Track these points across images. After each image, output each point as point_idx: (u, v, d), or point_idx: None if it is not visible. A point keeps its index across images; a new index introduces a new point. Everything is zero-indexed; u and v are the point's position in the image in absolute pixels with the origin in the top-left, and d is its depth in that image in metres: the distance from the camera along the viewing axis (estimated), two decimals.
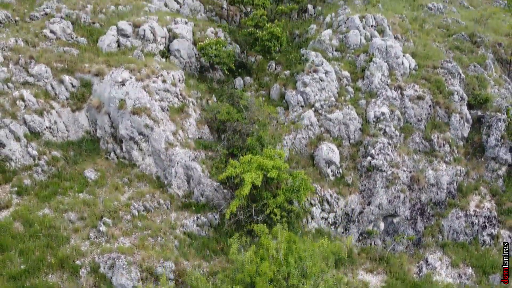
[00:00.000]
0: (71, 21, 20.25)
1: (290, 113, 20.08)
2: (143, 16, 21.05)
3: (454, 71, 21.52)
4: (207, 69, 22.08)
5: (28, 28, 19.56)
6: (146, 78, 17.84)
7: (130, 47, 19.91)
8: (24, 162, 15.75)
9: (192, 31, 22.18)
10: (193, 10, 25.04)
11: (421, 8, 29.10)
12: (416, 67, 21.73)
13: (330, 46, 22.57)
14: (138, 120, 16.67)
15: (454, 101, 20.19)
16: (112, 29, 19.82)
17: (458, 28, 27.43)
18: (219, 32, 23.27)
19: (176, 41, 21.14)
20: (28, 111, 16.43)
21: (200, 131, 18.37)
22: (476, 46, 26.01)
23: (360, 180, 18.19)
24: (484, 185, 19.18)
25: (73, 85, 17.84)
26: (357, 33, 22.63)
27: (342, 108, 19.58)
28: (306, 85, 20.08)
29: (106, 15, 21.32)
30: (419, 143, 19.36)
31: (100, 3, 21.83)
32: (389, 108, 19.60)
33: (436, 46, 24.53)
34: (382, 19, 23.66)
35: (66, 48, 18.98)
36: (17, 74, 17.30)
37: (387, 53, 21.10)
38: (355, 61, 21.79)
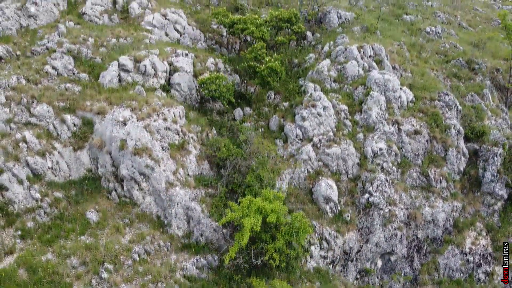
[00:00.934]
0: (73, 56, 20.51)
1: (289, 146, 20.35)
2: (144, 50, 21.29)
3: (451, 104, 21.80)
4: (207, 100, 22.33)
5: (29, 64, 19.82)
6: (147, 117, 18.09)
7: (131, 82, 20.15)
8: (27, 204, 16.00)
9: (192, 63, 22.46)
10: (193, 39, 25.30)
11: (419, 33, 29.39)
12: (414, 99, 22.00)
13: (328, 77, 22.82)
14: (139, 161, 16.93)
15: (451, 135, 20.45)
16: (113, 64, 20.07)
17: (456, 53, 27.77)
18: (219, 63, 23.55)
19: (176, 75, 21.41)
20: (30, 152, 16.68)
21: (200, 167, 18.64)
22: (474, 73, 26.34)
23: (358, 217, 18.46)
24: (480, 220, 19.43)
25: (75, 124, 18.10)
26: (355, 64, 22.90)
27: (340, 142, 19.84)
28: (304, 120, 20.35)
29: (107, 48, 21.57)
30: (416, 178, 19.63)
31: (101, 36, 22.08)
32: (387, 143, 19.87)
33: (434, 75, 24.84)
34: (380, 49, 23.94)
35: (67, 85, 19.24)
36: (20, 114, 17.56)
37: (384, 87, 21.36)
38: (353, 93, 22.05)
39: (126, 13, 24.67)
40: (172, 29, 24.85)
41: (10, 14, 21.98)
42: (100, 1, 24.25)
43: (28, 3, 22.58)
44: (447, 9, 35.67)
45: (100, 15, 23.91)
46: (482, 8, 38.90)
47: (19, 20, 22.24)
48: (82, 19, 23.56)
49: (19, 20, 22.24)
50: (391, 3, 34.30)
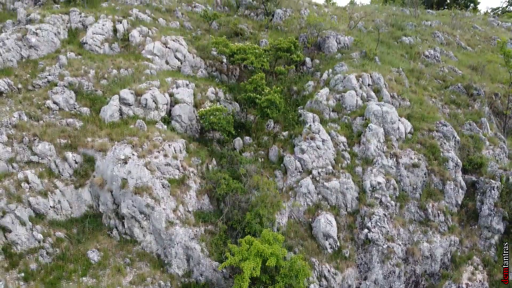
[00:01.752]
0: (74, 90, 20.70)
1: (289, 178, 20.53)
2: (145, 83, 21.48)
3: (449, 135, 21.98)
4: (207, 129, 22.52)
5: (31, 98, 20.01)
6: (148, 154, 18.29)
7: (132, 115, 20.35)
8: (29, 245, 16.17)
9: (193, 93, 22.65)
10: (193, 66, 25.49)
11: (418, 57, 29.59)
12: (412, 130, 22.19)
13: (327, 107, 23.02)
14: (140, 200, 17.11)
15: (448, 168, 20.63)
16: (114, 98, 20.25)
17: (455, 78, 27.98)
18: (219, 92, 23.74)
19: (177, 107, 21.60)
20: (32, 193, 16.87)
21: (200, 201, 18.84)
22: (472, 99, 26.51)
23: (357, 253, 18.64)
24: (477, 253, 19.59)
25: (76, 161, 18.28)
26: (353, 94, 23.08)
27: (339, 176, 20.02)
28: (303, 152, 20.54)
29: (108, 80, 21.75)
30: (414, 212, 19.81)
31: (102, 67, 22.26)
32: (385, 177, 20.06)
33: (432, 103, 25.02)
34: (378, 78, 24.12)
35: (69, 120, 19.43)
36: (21, 153, 17.76)
37: (383, 118, 21.55)
38: (351, 124, 22.23)
39: (127, 41, 24.83)
40: (172, 57, 25.03)
41: (11, 45, 22.17)
42: (101, 30, 24.41)
43: (29, 33, 22.75)
44: (446, 28, 35.83)
45: (101, 44, 24.10)
46: (481, 26, 39.05)
47: (20, 51, 22.43)
48: (83, 48, 23.76)
49: (20, 51, 22.43)
50: (391, 23, 34.47)
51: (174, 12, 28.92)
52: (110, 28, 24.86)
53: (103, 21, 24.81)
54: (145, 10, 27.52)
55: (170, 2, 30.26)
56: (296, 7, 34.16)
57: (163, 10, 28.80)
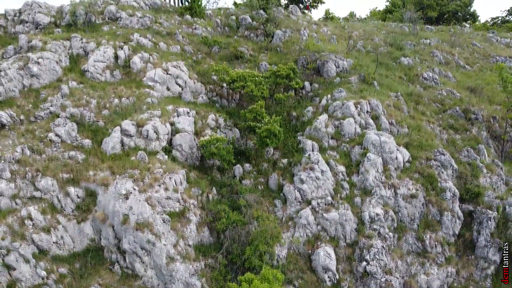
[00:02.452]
0: (76, 121, 20.96)
1: (288, 208, 20.78)
2: (146, 113, 21.72)
3: (446, 164, 22.24)
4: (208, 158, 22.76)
5: (33, 131, 20.27)
6: (149, 188, 18.53)
7: (134, 147, 20.60)
8: (33, 282, 16.41)
9: (193, 121, 22.92)
10: (194, 92, 25.73)
11: (417, 79, 29.83)
12: (410, 158, 22.43)
13: (326, 134, 23.26)
14: (141, 236, 17.35)
15: (446, 198, 20.88)
16: (116, 130, 20.50)
17: (453, 101, 28.22)
18: (220, 119, 24.00)
19: (178, 136, 21.86)
20: (36, 229, 17.13)
21: (200, 234, 19.08)
22: (470, 123, 26.75)
23: (355, 285, 18.88)
24: (474, 284, 19.86)
25: (78, 196, 18.55)
26: (352, 122, 23.34)
27: (338, 207, 20.27)
28: (303, 182, 20.79)
29: (109, 110, 21.99)
30: (412, 244, 20.06)
31: (104, 96, 22.52)
32: (384, 208, 20.31)
33: (430, 128, 25.27)
34: (377, 105, 24.38)
35: (71, 153, 19.68)
36: (24, 189, 18.02)
37: (381, 148, 21.79)
38: (350, 153, 22.47)
39: (128, 68, 25.08)
40: (173, 83, 25.29)
41: (13, 75, 22.44)
42: (102, 57, 24.66)
43: (31, 62, 23.02)
44: (444, 46, 36.07)
45: (102, 71, 24.35)
46: (480, 42, 39.30)
47: (22, 80, 22.70)
48: (85, 76, 24.02)
49: (22, 80, 22.70)
50: (389, 43, 34.72)
51: (174, 35, 29.15)
52: (111, 54, 25.11)
53: (104, 48, 25.05)
54: (146, 34, 27.75)
55: (171, 25, 30.48)
56: (295, 27, 34.40)
57: (164, 33, 29.02)
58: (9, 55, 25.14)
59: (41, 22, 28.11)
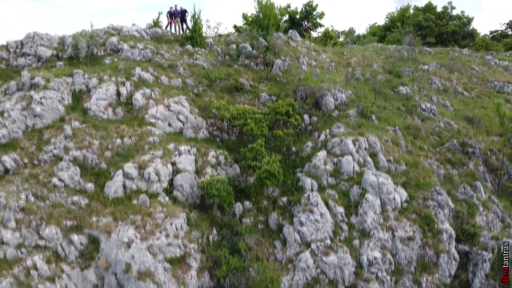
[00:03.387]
0: (79, 164, 21.32)
1: (288, 250, 21.14)
2: (147, 154, 22.09)
3: (443, 204, 22.61)
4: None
5: (37, 175, 20.63)
6: (151, 235, 18.89)
7: (136, 189, 20.96)
8: None
9: (194, 159, 23.30)
10: (195, 127, 26.08)
11: (415, 110, 30.18)
12: (408, 198, 22.81)
13: (325, 172, 23.63)
14: (143, 286, 17.71)
15: (442, 240, 21.24)
16: (118, 174, 20.88)
17: (450, 134, 28.58)
18: (220, 156, 24.36)
19: (179, 176, 22.23)
20: (41, 279, 17.50)
21: (200, 280, 19.44)
22: (467, 157, 27.10)
23: None
24: None
25: (82, 243, 18.91)
26: (350, 160, 23.71)
27: (337, 250, 20.62)
28: (302, 225, 21.16)
29: (112, 151, 22.35)
30: (409, 287, 20.42)
31: (106, 137, 22.87)
32: (381, 251, 20.67)
33: (428, 164, 25.63)
34: (375, 142, 24.75)
35: (74, 199, 20.05)
36: (29, 237, 18.39)
37: (379, 189, 22.17)
38: (348, 192, 22.83)
39: (130, 105, 25.42)
40: (175, 119, 25.64)
41: (16, 116, 22.80)
42: (104, 95, 25.02)
43: (34, 103, 23.38)
44: (443, 72, 36.44)
45: (104, 109, 24.70)
46: (479, 66, 39.66)
47: (25, 121, 23.05)
48: (87, 115, 24.37)
49: (25, 121, 23.05)
50: (388, 70, 35.08)
51: (176, 67, 29.47)
52: (113, 92, 25.46)
53: (106, 86, 25.40)
54: (148, 68, 28.08)
55: (172, 55, 30.81)
56: (295, 54, 34.74)
57: (165, 65, 29.34)
58: (12, 91, 25.50)
59: (43, 56, 28.45)
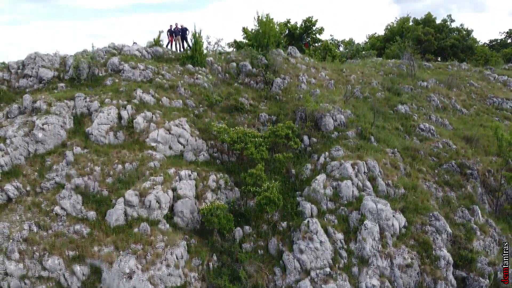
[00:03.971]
0: (80, 192, 21.54)
1: (288, 277, 21.35)
2: (148, 181, 22.29)
3: (441, 229, 22.88)
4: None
5: (39, 204, 20.86)
6: (151, 265, 19.13)
7: (137, 217, 21.18)
8: None
9: (195, 184, 23.53)
10: (195, 149, 26.32)
11: (413, 130, 30.41)
12: (406, 223, 23.06)
13: (324, 196, 23.88)
14: None
15: (440, 267, 21.50)
16: (120, 202, 21.10)
17: (449, 154, 28.84)
18: (220, 180, 24.60)
19: (180, 202, 22.46)
20: None
21: None
22: (465, 179, 27.35)
23: None
24: None
25: (84, 273, 19.12)
26: (349, 185, 23.97)
27: (336, 278, 20.84)
28: (302, 252, 21.39)
29: (113, 177, 22.57)
30: None
31: (108, 163, 23.09)
32: (380, 278, 20.93)
33: (426, 187, 25.87)
34: (373, 166, 25.03)
35: (76, 227, 20.27)
36: (32, 268, 18.60)
37: (378, 215, 22.42)
38: (348, 217, 23.07)
39: (132, 128, 25.63)
40: (176, 142, 25.88)
41: (18, 142, 23.03)
42: (106, 119, 25.24)
43: (36, 129, 23.60)
44: (442, 88, 36.66)
45: (106, 134, 24.93)
46: (478, 81, 39.88)
47: (27, 147, 23.28)
48: (89, 139, 24.59)
49: (27, 147, 23.28)
50: (387, 87, 35.30)
51: (177, 88, 29.67)
52: (114, 115, 25.68)
53: (107, 109, 25.63)
54: (149, 90, 28.30)
55: (173, 76, 31.01)
56: (294, 72, 34.98)
57: (166, 86, 29.55)
58: (14, 115, 25.74)
59: (45, 77, 28.67)
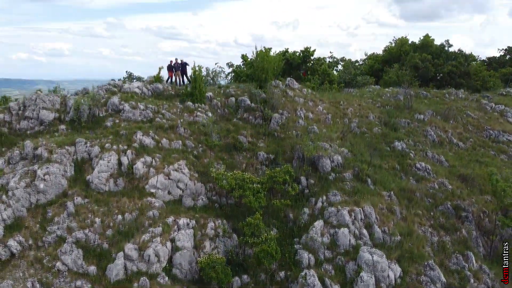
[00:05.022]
0: (81, 246, 21.92)
1: None
2: (148, 233, 22.67)
3: (435, 279, 23.23)
4: None
5: (41, 259, 21.23)
6: None
7: (136, 271, 21.55)
8: None
9: (193, 234, 23.91)
10: (194, 193, 26.70)
11: (410, 170, 30.78)
12: (401, 273, 23.44)
13: (322, 245, 24.24)
14: None
15: None
16: (120, 256, 21.47)
17: (444, 195, 29.20)
18: (219, 228, 24.97)
19: (178, 254, 22.81)
20: None
21: None
22: (460, 222, 27.74)
23: None
24: None
25: None
26: (346, 233, 24.36)
27: None
28: None
29: (113, 229, 22.95)
30: None
31: (108, 214, 23.47)
32: None
33: (421, 232, 26.26)
34: (370, 213, 25.41)
35: (78, 283, 20.61)
36: None
37: (374, 267, 22.79)
38: (344, 267, 23.44)
39: (131, 174, 26.01)
40: (175, 187, 26.28)
41: (20, 194, 23.40)
42: (106, 167, 25.62)
43: (37, 180, 23.97)
44: (438, 121, 37.00)
45: (106, 181, 25.31)
46: (474, 112, 40.21)
47: (29, 198, 23.65)
48: (89, 187, 24.97)
49: (29, 198, 23.65)
50: (384, 121, 35.67)
51: (176, 128, 30.04)
52: (115, 162, 26.06)
53: (108, 156, 26.00)
54: (149, 131, 28.68)
55: (173, 114, 31.38)
56: (292, 106, 35.34)
57: (166, 126, 29.92)
58: (15, 161, 26.13)
59: (46, 120, 29.06)
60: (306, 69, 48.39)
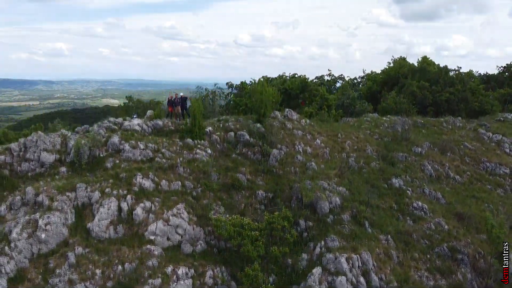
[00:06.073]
0: None
1: None
2: (147, 285, 23.02)
3: None
4: None
5: None
6: None
7: None
8: None
9: (192, 283, 24.26)
10: (193, 238, 27.04)
11: (407, 209, 31.14)
12: None
13: None
14: None
15: None
16: None
17: (441, 236, 29.56)
18: (217, 278, 25.32)
19: None
20: None
21: None
22: (456, 265, 28.13)
23: None
24: None
25: None
26: (344, 283, 24.67)
27: None
28: None
29: (113, 280, 23.28)
30: None
31: (108, 264, 23.78)
32: None
33: (418, 277, 26.64)
34: (367, 259, 25.77)
35: None
36: None
37: None
38: None
39: (131, 220, 26.33)
40: (174, 233, 26.62)
41: (23, 246, 23.70)
42: (106, 214, 25.94)
43: (39, 230, 24.26)
44: (436, 154, 37.31)
45: (106, 229, 25.62)
46: (472, 143, 40.50)
47: (31, 248, 23.95)
48: (90, 235, 25.28)
49: (31, 248, 23.95)
50: (381, 155, 35.98)
51: (176, 168, 30.35)
52: (115, 209, 26.36)
53: (108, 203, 26.31)
54: (149, 173, 28.98)
55: (173, 153, 31.65)
56: (290, 140, 35.64)
57: (166, 166, 30.19)
58: (17, 207, 26.41)
59: (46, 162, 29.33)
60: (305, 99, 48.74)
